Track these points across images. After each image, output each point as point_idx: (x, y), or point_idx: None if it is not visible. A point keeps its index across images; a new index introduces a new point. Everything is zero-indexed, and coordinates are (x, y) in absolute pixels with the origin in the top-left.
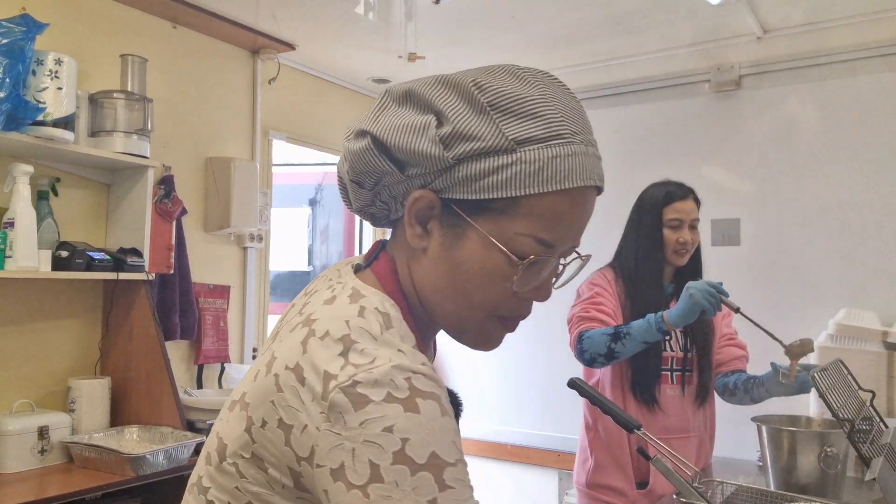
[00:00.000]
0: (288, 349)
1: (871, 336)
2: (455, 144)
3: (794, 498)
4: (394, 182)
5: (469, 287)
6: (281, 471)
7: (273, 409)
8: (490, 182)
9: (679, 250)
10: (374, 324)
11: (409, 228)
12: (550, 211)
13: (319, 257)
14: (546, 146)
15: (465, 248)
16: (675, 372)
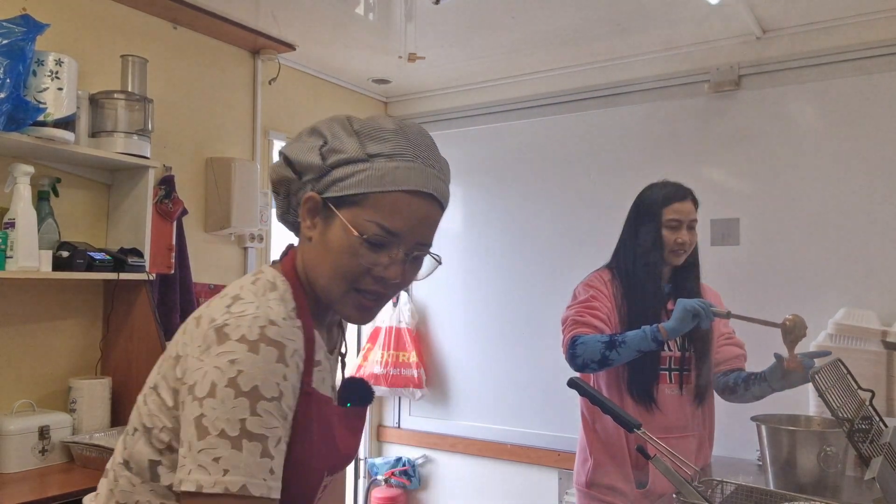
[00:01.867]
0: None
1: (870, 336)
2: (330, 156)
3: (794, 497)
4: (296, 189)
5: (333, 262)
6: (168, 392)
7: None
8: (350, 182)
9: (677, 250)
10: (261, 288)
11: (304, 222)
12: (390, 205)
13: None
14: (390, 159)
15: (332, 232)
16: (673, 371)
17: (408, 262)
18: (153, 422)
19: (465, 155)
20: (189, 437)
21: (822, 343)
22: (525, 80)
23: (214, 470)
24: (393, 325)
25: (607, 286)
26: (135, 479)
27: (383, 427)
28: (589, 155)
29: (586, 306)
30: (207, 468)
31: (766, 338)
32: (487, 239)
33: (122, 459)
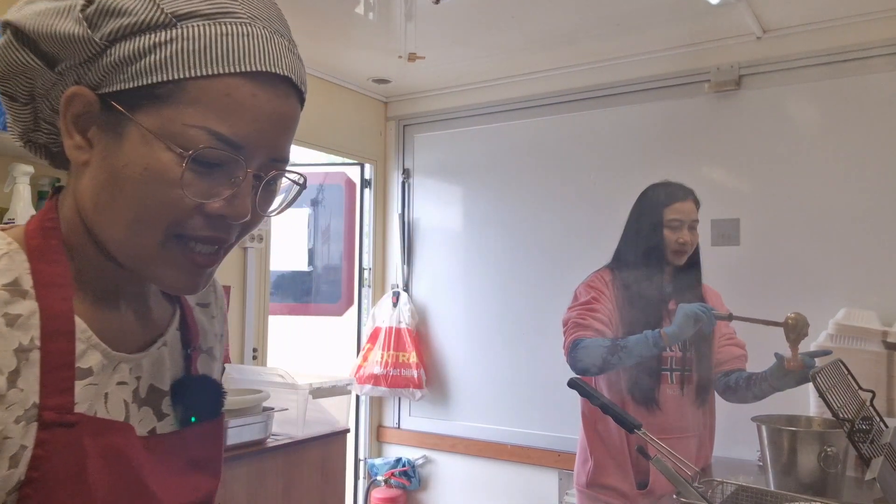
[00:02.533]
0: None
1: (870, 336)
2: (102, 22)
3: (794, 497)
4: (48, 86)
5: (135, 198)
6: None
7: None
8: (147, 64)
9: (678, 250)
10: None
11: (67, 138)
12: (226, 98)
13: (320, 258)
14: (213, 22)
15: (124, 150)
16: (674, 371)
17: (259, 188)
18: None
19: (465, 155)
20: None
21: (822, 343)
22: (525, 80)
23: None
24: (393, 326)
25: (608, 287)
26: None
27: (383, 427)
28: (589, 155)
29: (588, 308)
30: None
31: (767, 338)
32: (487, 239)
33: None
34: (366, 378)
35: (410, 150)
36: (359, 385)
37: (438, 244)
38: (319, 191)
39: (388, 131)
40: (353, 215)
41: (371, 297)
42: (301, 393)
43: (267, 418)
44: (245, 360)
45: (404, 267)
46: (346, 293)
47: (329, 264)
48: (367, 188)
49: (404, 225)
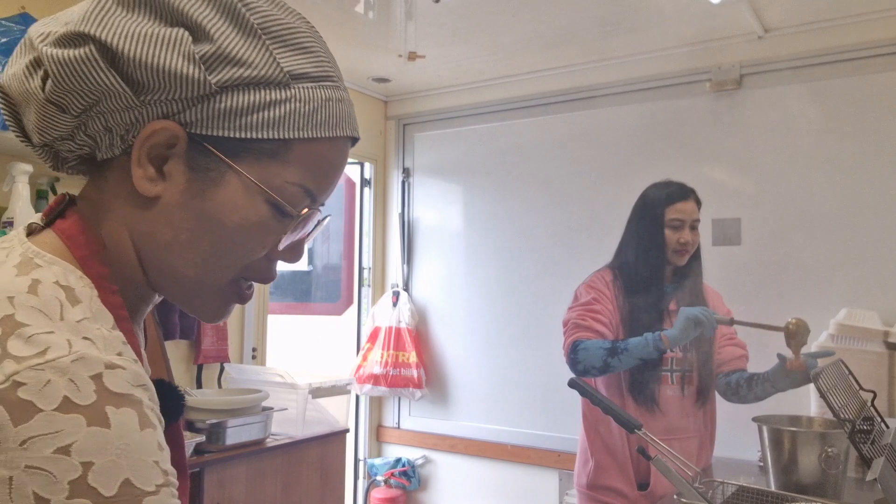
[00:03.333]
0: None
1: (872, 336)
2: (219, 67)
3: (795, 498)
4: (118, 108)
5: (223, 243)
6: None
7: None
8: (260, 118)
9: (680, 250)
10: (53, 301)
11: (138, 169)
12: (322, 159)
13: (320, 257)
14: (319, 86)
15: (221, 196)
16: (674, 372)
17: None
18: None
19: (465, 155)
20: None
21: (823, 343)
22: (525, 79)
23: None
24: (393, 325)
25: (609, 287)
26: None
27: (383, 427)
28: (589, 154)
29: (588, 309)
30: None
31: (767, 339)
32: (487, 238)
33: None
34: (365, 378)
35: (410, 149)
36: (358, 385)
37: (438, 244)
38: None
39: (388, 130)
40: (353, 214)
41: (371, 297)
42: (300, 393)
43: (266, 418)
44: (244, 360)
45: (404, 266)
46: (345, 293)
47: (329, 264)
48: (366, 187)
49: (404, 224)
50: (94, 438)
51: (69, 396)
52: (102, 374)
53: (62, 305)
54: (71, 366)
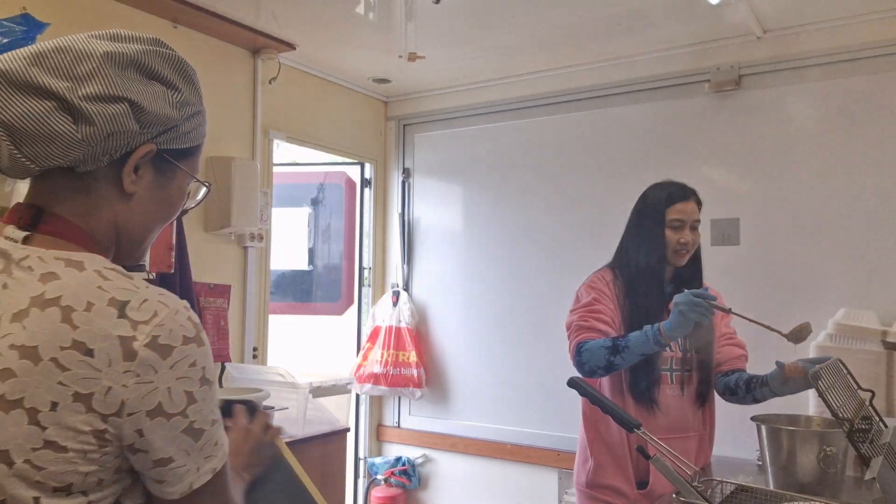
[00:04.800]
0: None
1: (870, 336)
2: (183, 109)
3: (794, 497)
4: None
5: (165, 213)
6: (83, 440)
7: (63, 388)
8: (195, 134)
9: (680, 251)
10: (123, 279)
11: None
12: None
13: (321, 257)
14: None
15: (172, 186)
16: (674, 372)
17: None
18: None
19: (465, 155)
20: (181, 449)
21: (822, 343)
22: (525, 80)
23: (217, 451)
24: (393, 325)
25: (609, 287)
26: None
27: (383, 426)
28: (589, 155)
29: (590, 310)
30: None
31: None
32: (487, 238)
33: None
34: (366, 377)
35: (410, 149)
36: (359, 384)
37: (438, 244)
38: (320, 190)
39: (388, 131)
40: (354, 215)
41: (371, 297)
42: (301, 392)
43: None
44: (245, 359)
45: (404, 266)
46: (346, 292)
47: (329, 263)
48: (367, 187)
49: (404, 224)
50: (204, 354)
51: (185, 335)
52: (190, 314)
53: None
54: (176, 316)
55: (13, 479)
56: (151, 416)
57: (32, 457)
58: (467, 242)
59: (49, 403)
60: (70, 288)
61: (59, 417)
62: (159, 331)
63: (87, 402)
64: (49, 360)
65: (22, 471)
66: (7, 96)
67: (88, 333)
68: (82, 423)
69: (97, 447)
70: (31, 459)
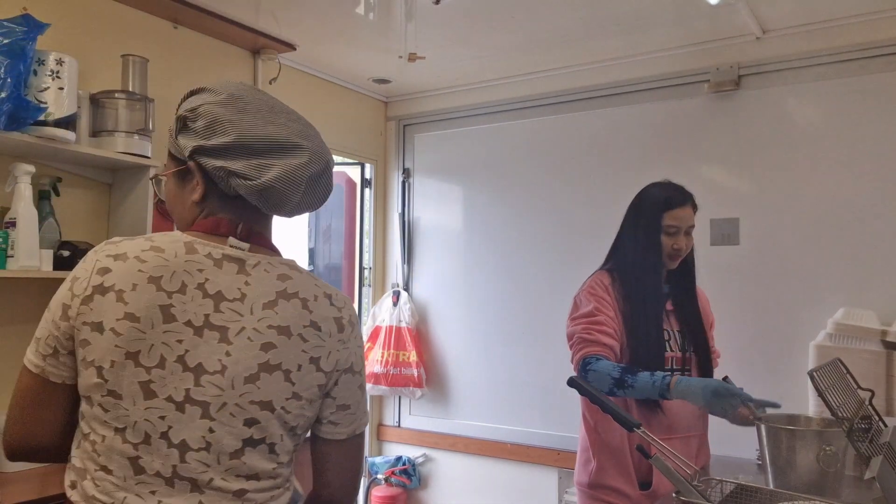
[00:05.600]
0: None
1: (869, 335)
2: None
3: (793, 496)
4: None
5: None
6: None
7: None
8: None
9: (673, 255)
10: (316, 278)
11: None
12: None
13: (321, 257)
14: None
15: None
16: (675, 372)
17: None
18: (298, 421)
19: (465, 155)
20: (356, 399)
21: (821, 343)
22: (525, 80)
23: (367, 412)
24: (393, 325)
25: (609, 292)
26: None
27: (383, 426)
28: (589, 155)
29: (592, 322)
30: (367, 413)
31: (751, 351)
32: (487, 238)
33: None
34: (366, 377)
35: (410, 150)
36: None
37: (438, 244)
38: None
39: (388, 131)
40: (354, 215)
41: (371, 296)
42: None
43: None
44: None
45: (404, 266)
46: (346, 292)
47: (330, 263)
48: (367, 188)
49: (404, 224)
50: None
51: (357, 317)
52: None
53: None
54: (353, 304)
55: (274, 421)
56: (345, 372)
57: (285, 404)
58: (467, 242)
59: (297, 366)
60: (301, 285)
61: (301, 376)
62: (351, 312)
63: (317, 363)
64: (297, 335)
65: (279, 415)
66: None
67: (318, 316)
68: (314, 379)
69: (319, 398)
70: (285, 406)
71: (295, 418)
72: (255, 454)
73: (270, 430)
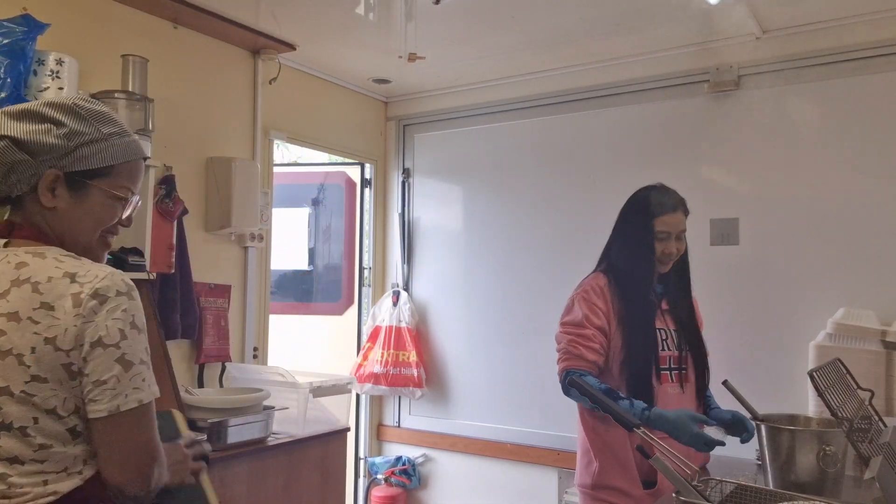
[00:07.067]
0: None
1: (869, 335)
2: (72, 138)
3: (793, 496)
4: (25, 168)
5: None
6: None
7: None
8: (100, 156)
9: (664, 260)
10: (75, 260)
11: (44, 196)
12: (133, 171)
13: (321, 257)
14: (120, 137)
15: (91, 200)
16: (673, 371)
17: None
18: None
19: (465, 155)
20: (113, 374)
21: (821, 343)
22: (525, 80)
23: (145, 387)
24: (393, 325)
25: (605, 295)
26: None
27: (383, 426)
28: (588, 155)
29: (580, 335)
30: (140, 387)
31: (745, 347)
32: (487, 238)
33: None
34: (366, 377)
35: (410, 149)
36: (359, 384)
37: (438, 244)
38: (320, 190)
39: (388, 131)
40: (354, 215)
41: (371, 297)
42: (301, 392)
43: (267, 417)
44: (246, 359)
45: (404, 266)
46: (346, 292)
47: (329, 263)
48: (367, 188)
49: (404, 224)
50: (134, 306)
51: (118, 289)
52: (123, 278)
53: (79, 260)
54: (112, 276)
55: (16, 406)
56: (93, 346)
57: (26, 388)
58: (467, 242)
59: (30, 349)
60: (36, 270)
61: (37, 358)
62: (99, 284)
63: (54, 343)
64: (26, 319)
65: (21, 399)
66: None
67: (52, 296)
68: (55, 359)
69: (69, 377)
70: (26, 390)
71: (45, 400)
72: (10, 438)
73: (16, 414)
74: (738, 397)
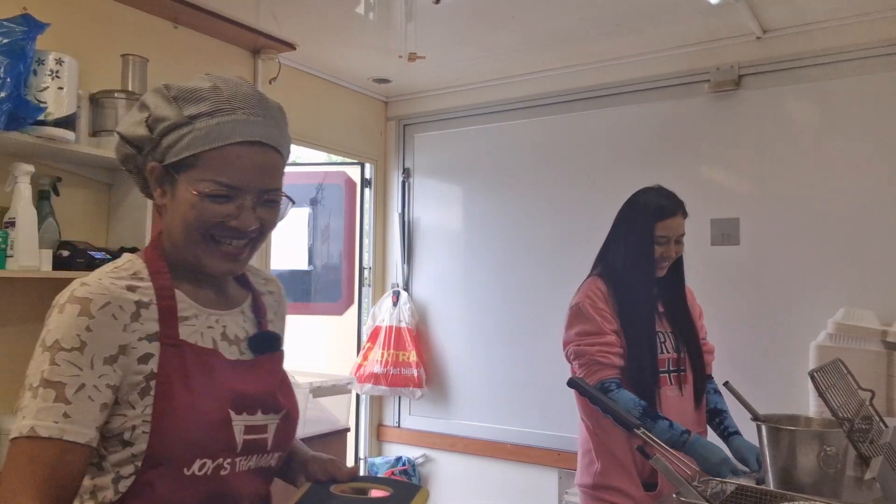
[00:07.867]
0: None
1: (870, 335)
2: (156, 126)
3: (794, 497)
4: (142, 163)
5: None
6: None
7: None
8: (180, 146)
9: (662, 263)
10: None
11: (155, 192)
12: (221, 160)
13: (320, 256)
14: (211, 117)
15: (178, 196)
16: (671, 373)
17: (259, 207)
18: None
19: (465, 155)
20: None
21: (821, 343)
22: (525, 80)
23: (18, 418)
24: (393, 325)
25: (607, 300)
26: None
27: (383, 426)
28: (589, 155)
29: (604, 343)
30: (23, 416)
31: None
32: (487, 238)
33: None
34: (366, 377)
35: (410, 149)
36: (359, 384)
37: (438, 244)
38: (319, 190)
39: (389, 131)
40: (354, 214)
41: (371, 297)
42: (301, 392)
43: None
44: None
45: (404, 266)
46: (346, 292)
47: (329, 263)
48: (367, 187)
49: (404, 224)
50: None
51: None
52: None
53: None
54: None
55: None
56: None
57: None
58: (467, 242)
59: None
60: None
61: None
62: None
63: None
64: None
65: None
66: None
67: None
68: None
69: None
70: None
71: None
72: None
73: None
74: (739, 398)
